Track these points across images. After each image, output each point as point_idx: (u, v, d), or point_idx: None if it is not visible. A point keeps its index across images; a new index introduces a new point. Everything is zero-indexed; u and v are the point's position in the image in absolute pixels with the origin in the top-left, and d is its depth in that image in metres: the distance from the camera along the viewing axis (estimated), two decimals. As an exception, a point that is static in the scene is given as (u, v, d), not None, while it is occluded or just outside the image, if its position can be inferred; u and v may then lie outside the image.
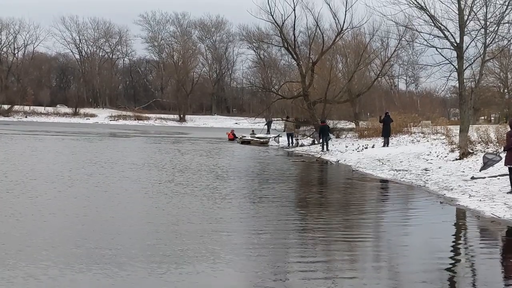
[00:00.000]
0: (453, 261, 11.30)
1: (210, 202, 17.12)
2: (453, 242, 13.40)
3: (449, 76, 31.79)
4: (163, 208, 15.83)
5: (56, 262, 10.00)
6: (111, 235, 12.41)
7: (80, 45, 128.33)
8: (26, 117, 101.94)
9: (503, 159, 19.72)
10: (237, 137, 53.61)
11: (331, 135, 46.56)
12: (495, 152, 24.65)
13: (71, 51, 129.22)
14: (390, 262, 10.96)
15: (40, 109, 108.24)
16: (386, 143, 37.83)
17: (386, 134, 38.24)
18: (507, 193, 18.41)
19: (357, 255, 11.62)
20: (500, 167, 21.21)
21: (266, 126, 59.39)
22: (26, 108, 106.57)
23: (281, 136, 51.95)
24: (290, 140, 47.94)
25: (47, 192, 17.96)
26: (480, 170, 22.79)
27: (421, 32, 31.21)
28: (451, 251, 12.39)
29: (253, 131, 53.60)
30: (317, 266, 10.31)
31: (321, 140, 42.34)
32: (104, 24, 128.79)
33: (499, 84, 66.55)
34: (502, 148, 20.99)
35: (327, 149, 40.86)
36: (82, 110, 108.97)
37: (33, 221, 13.60)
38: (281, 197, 19.27)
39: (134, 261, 10.20)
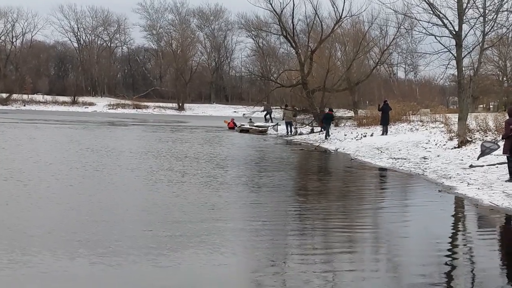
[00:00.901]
0: (452, 251, 11.30)
1: (208, 190, 17.13)
2: (451, 230, 13.42)
3: (448, 64, 31.75)
4: (160, 195, 15.83)
5: (51, 249, 10.00)
6: (108, 222, 12.42)
7: (79, 34, 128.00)
8: (24, 105, 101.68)
9: (501, 147, 19.76)
10: (237, 126, 53.58)
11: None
12: (493, 140, 24.67)
13: (69, 40, 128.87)
14: (389, 253, 10.94)
15: (39, 97, 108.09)
16: (385, 132, 37.83)
17: (384, 122, 38.24)
18: (506, 181, 18.45)
19: (356, 245, 11.62)
20: (499, 155, 21.23)
21: (267, 115, 59.30)
22: (25, 96, 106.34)
23: (279, 125, 51.95)
24: (289, 128, 47.95)
25: (44, 180, 17.94)
26: (478, 158, 22.80)
27: (420, 20, 31.19)
28: (450, 239, 12.40)
29: (250, 119, 53.51)
30: (316, 258, 10.29)
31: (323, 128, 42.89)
32: (102, 12, 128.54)
33: (498, 72, 66.45)
34: (501, 136, 21.00)
35: (328, 136, 41.29)
36: (80, 99, 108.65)
37: (28, 207, 13.63)
38: (280, 185, 19.27)
39: (129, 248, 10.20)
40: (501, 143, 20.10)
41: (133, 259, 9.66)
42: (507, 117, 19.36)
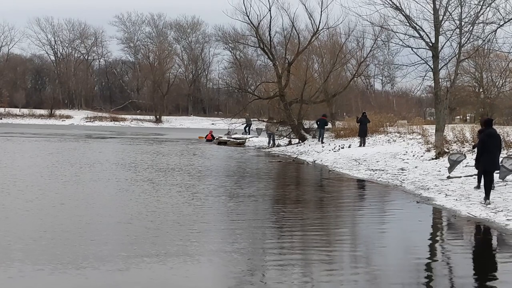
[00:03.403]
0: (429, 260, 11.31)
1: (186, 200, 17.08)
2: (429, 241, 13.42)
3: (425, 76, 31.79)
4: (138, 206, 15.72)
5: (32, 261, 9.91)
6: (87, 233, 12.32)
7: (56, 47, 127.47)
8: (1, 119, 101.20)
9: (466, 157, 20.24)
10: (215, 138, 53.51)
11: (307, 135, 46.78)
12: (459, 152, 25.01)
13: (46, 53, 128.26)
14: (367, 263, 10.95)
15: (15, 110, 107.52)
16: (362, 143, 37.90)
17: (362, 134, 38.31)
18: (474, 187, 19.05)
19: (334, 255, 11.58)
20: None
21: (246, 127, 59.10)
22: (1, 110, 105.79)
23: (257, 137, 51.93)
24: (272, 140, 48.01)
25: (26, 192, 17.81)
26: (449, 172, 22.94)
27: (397, 32, 31.22)
28: (428, 250, 12.41)
29: (229, 131, 53.46)
30: (295, 269, 10.26)
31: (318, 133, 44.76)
32: (79, 25, 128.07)
33: (475, 83, 66.78)
34: (472, 146, 21.48)
35: (322, 141, 42.91)
36: (57, 112, 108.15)
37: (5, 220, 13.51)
38: (257, 195, 19.21)
39: (106, 259, 10.15)
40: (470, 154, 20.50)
41: (108, 269, 9.64)
42: (480, 127, 19.66)
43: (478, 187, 18.94)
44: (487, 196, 16.94)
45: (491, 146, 17.17)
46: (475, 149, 19.79)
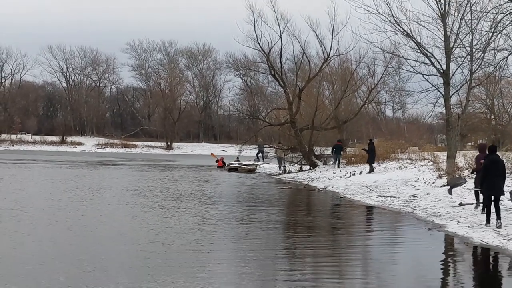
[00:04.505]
0: (442, 288, 11.22)
1: (199, 225, 17.05)
2: (441, 269, 13.31)
3: (436, 102, 31.78)
4: (150, 230, 15.70)
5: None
6: (97, 257, 12.30)
7: (67, 74, 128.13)
8: (13, 145, 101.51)
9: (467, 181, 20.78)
10: (226, 164, 53.47)
11: (318, 162, 46.69)
12: (459, 176, 25.11)
13: (58, 80, 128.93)
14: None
15: (27, 137, 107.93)
16: (371, 170, 37.78)
17: (371, 160, 38.27)
18: (474, 208, 20.02)
19: (346, 282, 11.50)
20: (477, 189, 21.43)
21: (259, 154, 58.95)
22: (13, 136, 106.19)
23: (268, 163, 51.94)
24: (282, 165, 48.05)
25: (41, 218, 17.82)
26: (449, 193, 23.38)
27: (408, 59, 31.27)
28: (440, 278, 12.31)
29: (238, 158, 53.45)
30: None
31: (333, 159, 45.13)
32: (91, 52, 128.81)
33: (486, 110, 66.75)
34: (471, 171, 22.29)
35: (338, 166, 43.37)
36: (69, 139, 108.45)
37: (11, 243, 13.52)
38: (269, 221, 19.16)
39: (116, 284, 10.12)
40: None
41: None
42: (478, 153, 20.26)
43: (476, 206, 19.98)
44: (491, 219, 17.45)
45: (494, 172, 17.49)
46: (474, 174, 20.38)
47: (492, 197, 17.45)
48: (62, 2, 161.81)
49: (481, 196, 19.49)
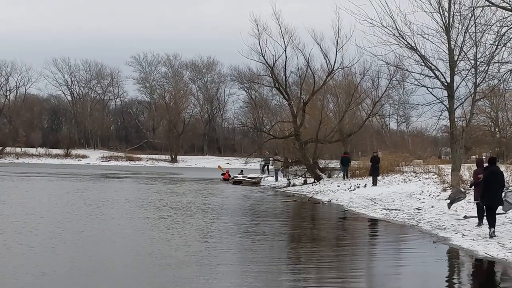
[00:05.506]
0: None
1: (203, 238, 17.08)
2: (446, 282, 13.32)
3: (440, 115, 31.82)
4: (159, 242, 15.74)
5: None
6: (102, 271, 12.33)
7: (72, 87, 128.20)
8: (17, 158, 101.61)
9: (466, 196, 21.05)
10: (231, 177, 53.52)
11: (322, 175, 46.69)
12: (459, 190, 25.14)
13: (63, 93, 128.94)
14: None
15: (32, 150, 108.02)
16: (374, 182, 37.77)
17: (374, 173, 38.26)
18: (475, 226, 19.73)
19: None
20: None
21: (264, 166, 58.99)
22: (18, 149, 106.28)
23: (272, 176, 52.04)
24: (284, 177, 48.22)
25: (44, 230, 17.87)
26: (448, 207, 23.36)
27: (412, 72, 31.32)
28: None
29: (242, 171, 53.55)
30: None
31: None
32: (96, 65, 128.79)
33: (490, 123, 66.70)
34: (469, 185, 22.88)
35: (347, 178, 43.82)
36: (73, 152, 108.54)
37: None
38: (273, 234, 19.20)
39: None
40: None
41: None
42: (476, 167, 20.74)
43: (479, 224, 19.72)
44: (492, 225, 17.63)
45: (494, 183, 17.75)
46: (473, 187, 20.66)
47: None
48: (67, 16, 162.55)
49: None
